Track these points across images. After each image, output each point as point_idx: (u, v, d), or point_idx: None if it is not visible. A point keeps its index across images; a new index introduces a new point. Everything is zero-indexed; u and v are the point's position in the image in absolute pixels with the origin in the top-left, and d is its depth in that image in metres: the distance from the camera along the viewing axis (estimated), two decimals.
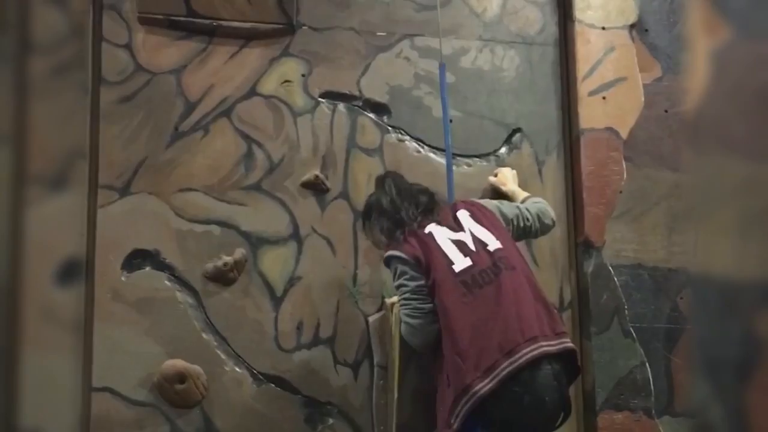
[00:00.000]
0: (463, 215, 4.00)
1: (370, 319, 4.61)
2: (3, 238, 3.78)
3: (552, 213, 4.34)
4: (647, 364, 4.70)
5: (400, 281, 3.91)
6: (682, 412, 4.70)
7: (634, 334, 4.71)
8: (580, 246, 4.82)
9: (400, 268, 3.90)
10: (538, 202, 4.35)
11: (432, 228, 3.94)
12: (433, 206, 4.11)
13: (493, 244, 3.87)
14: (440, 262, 3.81)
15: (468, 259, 3.81)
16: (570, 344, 3.79)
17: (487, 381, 3.58)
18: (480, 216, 4.01)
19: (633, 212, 4.84)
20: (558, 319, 3.91)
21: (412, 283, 3.85)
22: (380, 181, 4.32)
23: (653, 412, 4.67)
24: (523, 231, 4.22)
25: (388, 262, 3.99)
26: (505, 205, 4.22)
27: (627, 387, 4.67)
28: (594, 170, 4.85)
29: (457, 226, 3.95)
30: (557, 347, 3.71)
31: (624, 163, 4.88)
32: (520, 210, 4.21)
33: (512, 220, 4.15)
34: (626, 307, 4.73)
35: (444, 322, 3.74)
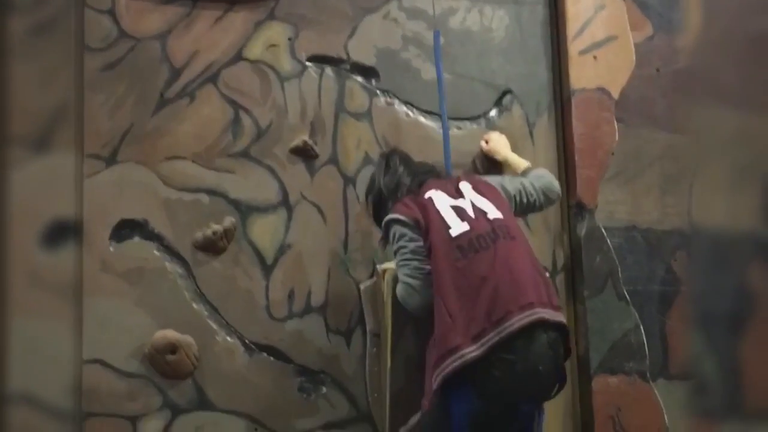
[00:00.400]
0: (465, 186, 3.97)
1: (362, 286, 4.57)
2: None
3: (557, 186, 4.30)
4: (641, 327, 4.68)
5: (399, 243, 3.87)
6: (677, 374, 4.70)
7: (627, 297, 4.69)
8: (573, 209, 4.78)
9: (399, 230, 3.87)
10: (543, 177, 4.29)
11: (432, 193, 3.91)
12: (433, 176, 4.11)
13: (493, 213, 3.84)
14: (437, 225, 3.78)
15: (465, 224, 3.77)
16: (563, 320, 3.75)
17: (475, 347, 3.54)
18: (482, 188, 3.98)
19: (626, 174, 4.81)
20: (555, 294, 3.89)
21: (412, 244, 3.82)
22: (385, 158, 4.27)
23: (648, 375, 4.66)
24: (526, 206, 4.18)
25: (387, 225, 3.94)
26: (507, 181, 4.17)
27: (621, 350, 4.66)
28: (586, 132, 4.81)
29: (458, 194, 3.92)
30: (554, 317, 3.67)
31: (616, 123, 4.84)
32: (523, 185, 4.17)
33: (515, 196, 4.11)
34: (620, 269, 4.71)
35: (436, 284, 3.70)
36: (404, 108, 4.77)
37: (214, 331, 4.42)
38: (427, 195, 3.91)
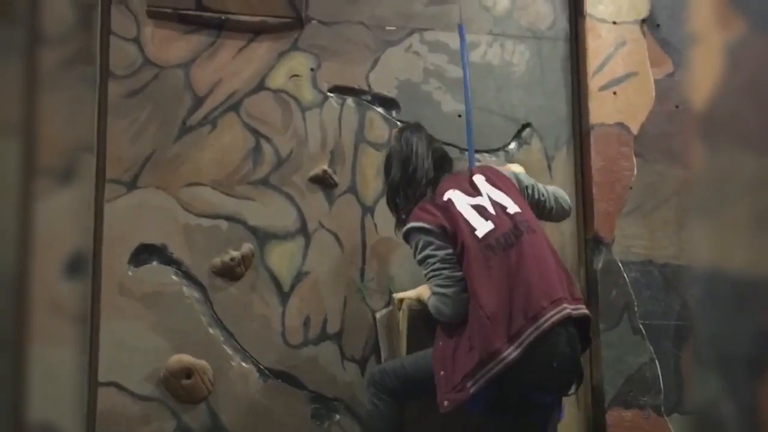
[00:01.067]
0: (479, 180, 3.93)
1: (378, 314, 4.59)
2: (12, 231, 3.81)
3: (568, 199, 4.27)
4: (656, 361, 4.67)
5: (426, 252, 3.79)
6: (692, 410, 4.67)
7: (643, 331, 4.68)
8: (590, 242, 4.79)
9: (424, 239, 3.80)
10: (557, 189, 4.28)
11: (450, 194, 3.86)
12: (444, 163, 4.09)
13: (512, 207, 3.82)
14: (463, 229, 3.74)
15: (489, 222, 3.75)
16: (587, 311, 3.76)
17: (513, 348, 3.52)
18: (496, 180, 3.95)
19: (643, 208, 4.82)
20: (575, 284, 3.90)
21: (441, 252, 3.76)
22: (398, 139, 4.15)
23: (662, 409, 4.64)
24: (537, 204, 4.10)
25: (409, 234, 3.88)
26: (521, 175, 4.16)
27: (636, 384, 4.65)
28: (604, 166, 4.82)
29: (474, 191, 3.88)
30: (577, 312, 3.69)
31: (634, 158, 4.85)
32: (536, 184, 4.14)
33: (527, 188, 4.08)
34: (636, 303, 4.71)
35: (471, 288, 3.66)
36: None
37: (229, 356, 4.45)
38: (445, 197, 3.86)
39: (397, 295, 4.38)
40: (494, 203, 3.82)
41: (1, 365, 3.61)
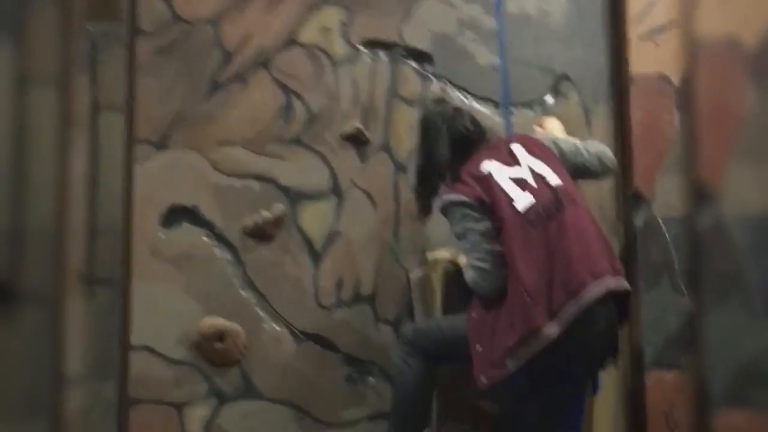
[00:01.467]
0: (518, 150, 3.86)
1: (412, 275, 4.51)
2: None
3: (611, 156, 4.16)
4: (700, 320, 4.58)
5: (465, 225, 3.74)
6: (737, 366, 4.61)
7: (684, 290, 4.59)
8: (630, 199, 4.69)
9: (462, 211, 3.75)
10: (598, 144, 4.20)
11: (488, 165, 3.78)
12: (468, 143, 3.98)
13: (553, 179, 3.75)
14: (503, 202, 3.68)
15: (529, 195, 3.69)
16: (627, 285, 3.72)
17: (554, 324, 3.49)
18: (536, 150, 3.88)
19: (684, 163, 4.70)
20: (617, 257, 3.85)
21: (480, 226, 3.71)
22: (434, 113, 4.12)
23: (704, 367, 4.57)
24: (580, 169, 4.02)
25: (447, 207, 3.84)
26: (561, 140, 4.07)
27: (677, 344, 4.57)
28: (644, 120, 4.70)
29: (513, 161, 3.81)
30: (617, 286, 3.65)
31: (675, 111, 4.72)
32: (577, 147, 4.04)
33: (569, 156, 3.98)
34: (676, 262, 4.61)
35: (511, 263, 3.61)
36: (458, 94, 4.69)
37: (261, 319, 4.41)
38: (484, 169, 3.79)
39: (431, 255, 4.34)
40: (535, 175, 3.75)
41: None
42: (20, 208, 2.30)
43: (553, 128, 4.50)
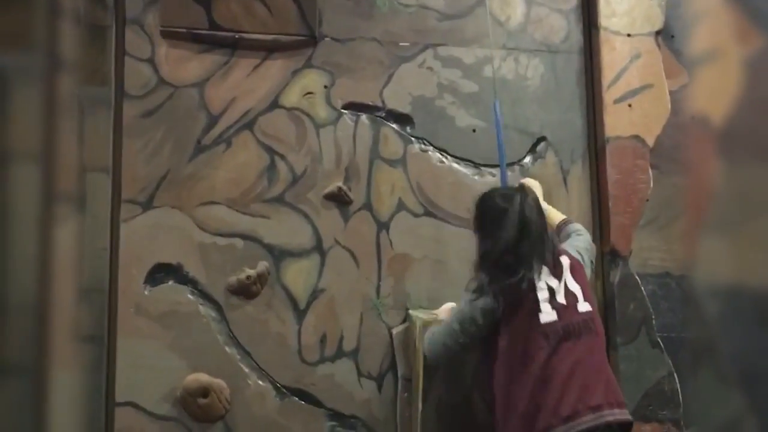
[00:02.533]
0: (565, 263, 3.82)
1: (394, 331, 4.58)
2: (33, 256, 3.89)
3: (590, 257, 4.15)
4: (675, 375, 4.64)
5: (474, 304, 3.75)
6: (712, 424, 4.64)
7: (661, 344, 4.66)
8: (607, 255, 4.77)
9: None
10: (588, 244, 4.14)
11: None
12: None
13: (583, 305, 3.74)
14: (527, 308, 3.66)
15: (555, 312, 3.66)
16: (629, 416, 3.68)
17: None
18: (576, 270, 3.84)
19: (660, 221, 4.79)
20: (619, 389, 3.78)
21: (481, 303, 3.73)
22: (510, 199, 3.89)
23: (682, 423, 4.62)
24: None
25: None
26: (585, 253, 4.04)
27: (655, 398, 4.62)
28: (620, 179, 4.81)
29: (556, 270, 3.76)
30: (619, 418, 3.62)
31: (650, 171, 4.83)
32: (593, 262, 4.08)
33: (588, 266, 4.01)
34: (654, 316, 4.68)
35: (506, 368, 3.64)
36: (438, 155, 4.80)
37: (246, 375, 4.46)
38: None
39: (414, 312, 4.45)
40: (568, 293, 3.74)
41: (23, 390, 3.68)
42: (3, 281, 2.35)
43: (533, 189, 4.59)
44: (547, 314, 3.65)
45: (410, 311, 4.54)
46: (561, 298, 3.70)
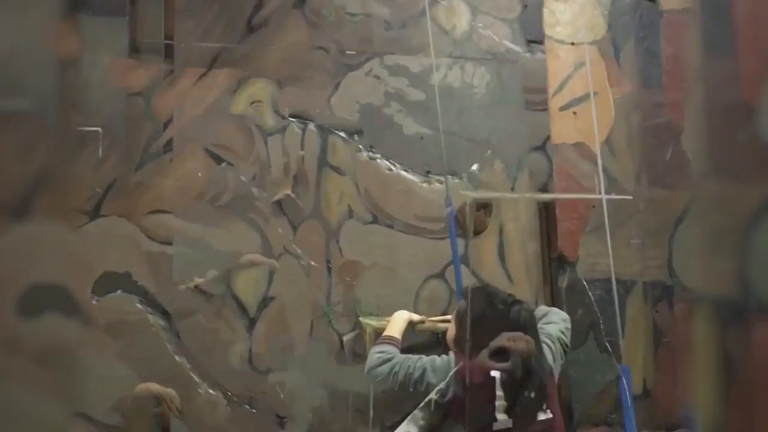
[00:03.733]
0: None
1: (345, 338, 4.58)
2: None
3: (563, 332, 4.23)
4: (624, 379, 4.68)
5: (427, 367, 3.90)
6: (661, 426, 4.69)
7: (610, 349, 4.69)
8: (554, 261, 4.80)
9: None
10: (557, 324, 4.24)
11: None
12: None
13: (543, 413, 3.78)
14: (485, 407, 3.72)
15: (510, 421, 3.71)
16: None
17: None
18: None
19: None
20: None
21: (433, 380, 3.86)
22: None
23: None
24: None
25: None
26: (562, 335, 4.14)
27: (604, 402, 4.66)
28: (566, 186, 4.84)
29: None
30: None
31: (596, 177, 4.87)
32: (565, 345, 4.16)
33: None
34: (601, 321, 4.72)
35: None
36: (386, 162, 4.80)
37: (196, 384, 4.42)
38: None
39: (364, 320, 4.45)
40: (527, 400, 3.75)
41: None
42: None
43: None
44: (502, 422, 3.71)
45: (360, 318, 4.54)
46: (518, 406, 3.73)
